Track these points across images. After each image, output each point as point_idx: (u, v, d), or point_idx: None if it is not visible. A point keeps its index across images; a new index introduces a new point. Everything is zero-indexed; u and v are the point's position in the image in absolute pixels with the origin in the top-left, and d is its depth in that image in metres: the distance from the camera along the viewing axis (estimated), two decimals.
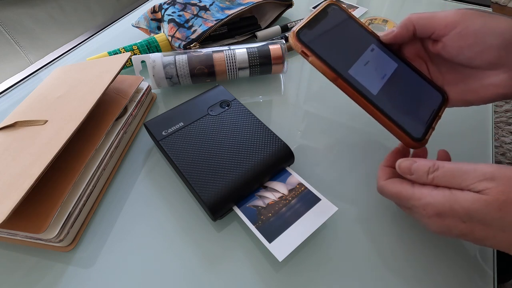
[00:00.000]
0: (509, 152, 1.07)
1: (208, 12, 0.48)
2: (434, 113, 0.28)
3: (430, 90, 0.29)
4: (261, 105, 0.41)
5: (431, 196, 0.22)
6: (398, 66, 0.30)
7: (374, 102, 0.27)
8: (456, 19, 0.24)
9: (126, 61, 0.36)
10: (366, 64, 0.29)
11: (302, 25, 0.28)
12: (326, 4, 0.30)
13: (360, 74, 0.28)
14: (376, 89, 0.28)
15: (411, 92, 0.29)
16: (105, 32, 0.57)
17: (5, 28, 0.87)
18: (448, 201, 0.21)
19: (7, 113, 0.41)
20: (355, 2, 0.63)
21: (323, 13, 0.30)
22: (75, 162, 0.30)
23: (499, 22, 0.23)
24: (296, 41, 0.28)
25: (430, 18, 0.26)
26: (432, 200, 0.22)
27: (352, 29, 0.30)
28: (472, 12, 0.24)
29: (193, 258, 0.27)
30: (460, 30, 0.24)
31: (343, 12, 0.31)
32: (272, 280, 0.26)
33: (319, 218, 0.27)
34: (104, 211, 0.31)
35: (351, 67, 0.28)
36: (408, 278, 0.26)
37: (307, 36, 0.28)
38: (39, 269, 0.27)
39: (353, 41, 0.30)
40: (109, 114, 0.34)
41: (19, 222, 0.26)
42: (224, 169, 0.29)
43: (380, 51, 0.30)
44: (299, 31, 0.28)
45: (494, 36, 0.23)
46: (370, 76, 0.28)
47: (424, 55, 0.30)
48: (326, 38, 0.29)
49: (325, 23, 0.29)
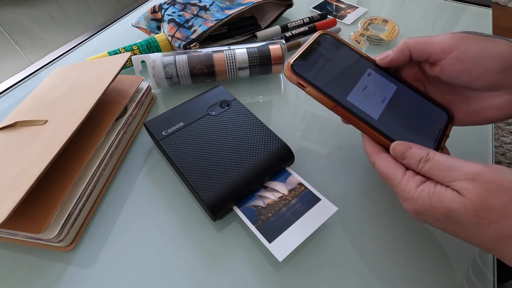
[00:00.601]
0: (509, 152, 1.07)
1: (208, 12, 0.48)
2: (441, 132, 0.27)
3: (434, 109, 0.28)
4: (261, 105, 0.41)
5: (416, 192, 0.22)
6: (397, 88, 0.29)
7: (377, 126, 0.27)
8: (453, 43, 0.24)
9: (126, 61, 0.36)
10: (365, 89, 0.28)
11: (296, 56, 0.28)
12: (318, 34, 0.31)
13: (359, 99, 0.28)
14: (377, 114, 0.27)
15: (414, 113, 0.28)
16: (105, 32, 0.57)
17: (5, 28, 0.87)
18: (431, 199, 0.21)
19: (7, 113, 0.41)
20: (355, 2, 0.63)
21: (316, 43, 0.30)
22: (75, 162, 0.30)
23: (497, 45, 0.23)
24: (291, 74, 0.28)
25: (426, 42, 0.25)
26: (415, 196, 0.22)
27: (347, 56, 0.30)
28: (469, 36, 0.24)
29: (193, 258, 0.27)
30: (458, 54, 0.24)
31: (335, 40, 0.31)
32: (272, 280, 0.26)
33: (319, 218, 0.27)
34: (104, 211, 0.31)
35: (349, 93, 0.28)
36: (407, 277, 0.26)
37: (302, 68, 0.28)
38: (39, 269, 0.27)
39: (349, 67, 0.29)
40: (109, 114, 0.34)
41: (19, 222, 0.26)
42: (224, 169, 0.29)
43: (377, 75, 0.30)
44: (293, 63, 0.28)
45: (493, 60, 0.23)
46: (370, 101, 0.28)
47: (422, 77, 0.29)
48: (321, 67, 0.29)
49: (319, 52, 0.29)
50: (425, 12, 0.60)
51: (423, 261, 0.27)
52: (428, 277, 0.26)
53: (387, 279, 0.26)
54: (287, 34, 0.51)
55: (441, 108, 0.29)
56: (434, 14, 0.59)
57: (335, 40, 0.31)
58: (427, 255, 0.27)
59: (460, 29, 0.56)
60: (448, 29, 0.56)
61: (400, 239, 0.28)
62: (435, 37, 0.25)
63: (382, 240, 0.28)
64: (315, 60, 0.29)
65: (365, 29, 0.53)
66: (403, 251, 0.28)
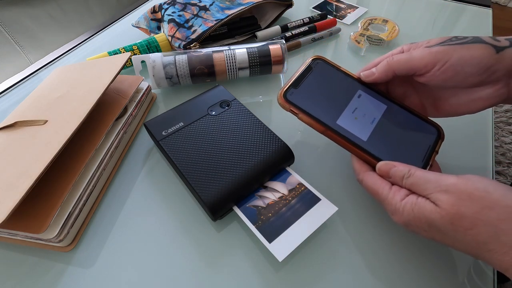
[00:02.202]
0: (509, 152, 1.07)
1: (208, 12, 0.48)
2: (430, 149, 0.28)
3: (424, 126, 0.29)
4: (261, 105, 0.41)
5: (400, 205, 0.24)
6: (387, 108, 0.30)
7: (365, 148, 0.28)
8: (433, 59, 0.26)
9: (126, 61, 0.36)
10: (354, 111, 0.29)
11: (288, 85, 0.30)
12: (310, 59, 0.32)
13: (348, 122, 0.29)
14: (366, 135, 0.28)
15: (404, 131, 0.29)
16: (105, 32, 0.57)
17: (5, 28, 0.87)
18: (414, 210, 0.23)
19: (7, 113, 0.41)
20: (355, 2, 0.63)
21: (308, 69, 0.31)
22: (75, 162, 0.30)
23: (472, 52, 0.25)
24: (284, 102, 0.29)
25: (408, 61, 0.27)
26: (401, 209, 0.23)
27: (338, 79, 0.31)
28: (445, 48, 0.26)
29: (193, 258, 0.27)
30: (439, 67, 0.26)
31: (327, 65, 0.32)
32: (272, 280, 0.26)
33: (319, 218, 0.27)
34: (104, 211, 0.31)
35: (339, 117, 0.29)
36: (407, 277, 0.26)
37: (293, 95, 0.30)
38: (39, 269, 0.27)
39: (339, 91, 0.30)
40: (109, 114, 0.34)
41: (19, 222, 0.26)
42: (224, 169, 0.29)
43: (367, 96, 0.30)
44: (286, 91, 0.30)
45: (471, 66, 0.25)
46: (359, 123, 0.29)
47: (412, 81, 0.30)
48: (313, 93, 0.30)
49: (310, 79, 0.31)
50: (425, 12, 0.60)
51: (422, 261, 0.27)
52: (428, 276, 0.26)
53: (387, 279, 0.26)
54: (287, 34, 0.51)
55: (431, 125, 0.30)
56: (434, 14, 0.59)
57: (327, 64, 0.32)
58: (427, 255, 0.27)
59: (460, 29, 0.56)
60: (448, 29, 0.56)
61: (400, 239, 0.28)
62: (415, 53, 0.27)
63: (382, 240, 0.28)
64: (306, 86, 0.30)
65: (365, 29, 0.53)
66: (403, 251, 0.28)
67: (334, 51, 0.51)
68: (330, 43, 0.52)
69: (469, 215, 0.20)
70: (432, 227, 0.22)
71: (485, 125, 0.38)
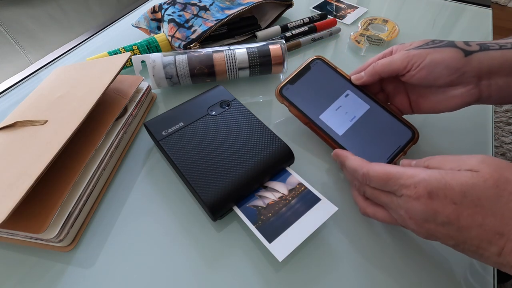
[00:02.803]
0: (509, 152, 1.07)
1: (208, 12, 0.48)
2: (398, 149, 0.31)
3: (400, 128, 0.32)
4: (261, 105, 0.41)
5: (425, 173, 0.22)
6: (369, 108, 0.33)
7: (338, 142, 0.32)
8: (409, 61, 0.29)
9: (126, 61, 0.36)
10: (338, 109, 0.33)
11: (285, 81, 0.35)
12: (310, 59, 0.36)
13: (329, 118, 0.33)
14: (342, 131, 0.32)
15: (378, 130, 0.32)
16: (105, 32, 0.57)
17: (5, 28, 0.87)
18: (444, 177, 0.21)
19: (7, 113, 0.41)
20: (355, 2, 0.63)
21: (306, 68, 0.35)
22: (75, 162, 0.30)
23: (443, 54, 0.28)
24: (279, 95, 0.34)
25: (390, 64, 0.30)
26: (426, 177, 0.21)
27: (331, 79, 0.35)
28: (420, 51, 0.29)
29: (193, 258, 0.27)
30: (415, 68, 0.29)
31: (325, 65, 0.36)
32: (272, 280, 0.26)
33: (319, 218, 0.27)
34: (104, 211, 0.31)
35: (323, 112, 0.33)
36: (407, 278, 0.26)
37: (288, 91, 0.34)
38: (39, 269, 0.27)
39: (330, 89, 0.34)
40: (109, 114, 0.34)
41: (19, 222, 0.26)
42: (224, 169, 0.29)
43: (354, 96, 0.34)
44: (282, 87, 0.34)
45: (441, 68, 0.28)
46: (339, 119, 0.33)
47: (399, 79, 0.33)
48: (306, 89, 0.34)
49: (307, 76, 0.35)
50: (425, 12, 0.60)
51: (422, 261, 0.27)
52: (428, 276, 0.26)
53: (387, 279, 0.26)
54: (287, 34, 0.51)
55: (408, 128, 0.32)
56: (434, 14, 0.59)
57: (325, 64, 0.36)
58: (427, 254, 0.27)
59: (460, 29, 0.56)
60: (448, 29, 0.56)
61: (399, 239, 0.28)
62: (395, 57, 0.30)
63: (382, 240, 0.28)
64: (301, 83, 0.35)
65: (365, 29, 0.53)
66: (403, 251, 0.28)
67: (334, 51, 0.51)
68: (330, 43, 0.52)
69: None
70: (467, 197, 0.20)
71: (485, 125, 0.38)
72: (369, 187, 0.26)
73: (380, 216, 0.26)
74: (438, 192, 0.21)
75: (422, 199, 0.21)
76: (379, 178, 0.24)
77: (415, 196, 0.21)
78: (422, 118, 0.37)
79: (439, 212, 0.21)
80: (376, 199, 0.26)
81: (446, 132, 0.31)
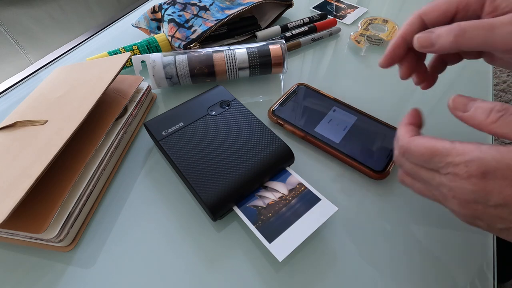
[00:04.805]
0: None
1: (208, 12, 0.48)
2: (393, 149, 0.30)
3: (388, 132, 0.35)
4: (261, 105, 0.41)
5: (480, 150, 0.18)
6: (357, 118, 0.37)
7: (337, 148, 0.34)
8: None
9: (126, 61, 0.36)
10: (330, 122, 0.36)
11: (276, 104, 0.38)
12: (294, 86, 0.41)
13: (324, 129, 0.36)
14: (339, 139, 0.35)
15: (371, 136, 0.35)
16: (105, 32, 0.57)
17: (5, 28, 0.87)
18: (505, 157, 0.17)
19: (7, 113, 0.41)
20: (355, 2, 0.63)
21: (293, 92, 0.40)
22: (75, 162, 0.30)
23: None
24: (272, 115, 0.37)
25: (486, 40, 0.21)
26: (481, 155, 0.18)
27: (316, 99, 0.39)
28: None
29: (193, 258, 0.27)
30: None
31: (308, 89, 0.40)
32: (272, 280, 0.26)
33: (319, 218, 0.27)
34: (104, 211, 0.31)
35: (317, 126, 0.36)
36: (407, 277, 0.26)
37: (280, 111, 0.38)
38: (39, 269, 0.27)
39: (318, 107, 0.38)
40: (109, 114, 0.34)
41: (19, 222, 0.26)
42: (224, 169, 0.29)
43: (341, 110, 0.38)
44: (274, 109, 0.38)
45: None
46: (333, 130, 0.35)
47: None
48: (296, 109, 0.38)
49: (294, 99, 0.39)
50: None
51: (423, 261, 0.27)
52: (428, 276, 0.26)
53: (387, 279, 0.26)
54: (287, 34, 0.51)
55: (395, 131, 0.32)
56: None
57: (308, 89, 0.40)
58: (426, 254, 0.27)
59: None
60: None
61: (400, 239, 0.28)
62: (499, 32, 0.20)
63: (382, 240, 0.28)
64: (291, 104, 0.38)
65: (365, 29, 0.53)
66: (403, 251, 0.28)
67: (334, 51, 0.51)
68: (330, 43, 0.52)
69: None
70: None
71: None
72: (408, 162, 0.23)
73: (417, 188, 0.23)
74: (496, 173, 0.18)
75: (474, 179, 0.18)
76: (421, 154, 0.21)
77: (466, 175, 0.18)
78: None
79: (493, 193, 0.18)
80: (416, 174, 0.23)
81: (446, 131, 0.31)
